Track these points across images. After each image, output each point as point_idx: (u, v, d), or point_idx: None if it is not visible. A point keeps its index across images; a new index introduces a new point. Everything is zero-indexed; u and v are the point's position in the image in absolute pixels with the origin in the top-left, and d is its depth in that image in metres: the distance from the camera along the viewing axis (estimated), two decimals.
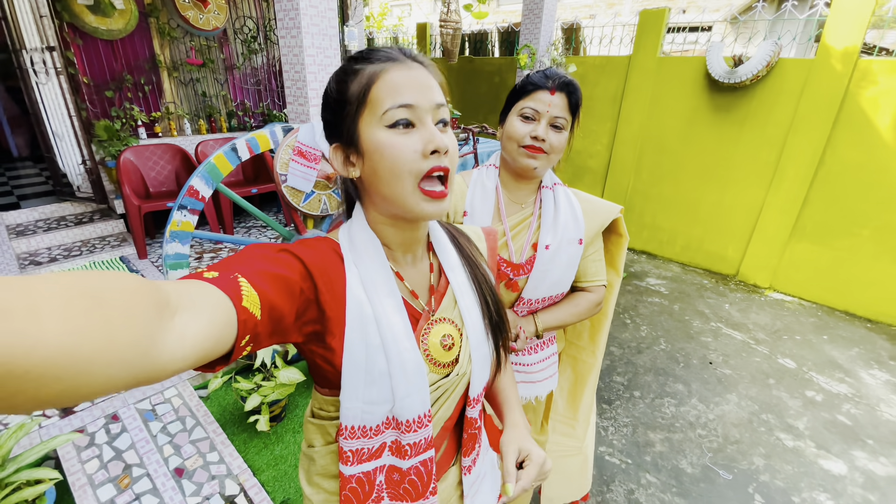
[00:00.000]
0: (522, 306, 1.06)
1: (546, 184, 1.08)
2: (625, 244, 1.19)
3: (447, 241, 0.71)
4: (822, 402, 2.41)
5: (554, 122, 0.96)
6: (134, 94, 4.04)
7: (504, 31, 5.38)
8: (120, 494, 1.71)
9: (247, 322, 0.43)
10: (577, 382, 1.32)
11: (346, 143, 0.59)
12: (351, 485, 0.65)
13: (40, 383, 0.26)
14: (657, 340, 2.92)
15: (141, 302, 0.32)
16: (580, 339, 1.31)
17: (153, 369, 0.32)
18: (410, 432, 0.63)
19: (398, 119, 0.55)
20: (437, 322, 0.66)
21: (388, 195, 0.58)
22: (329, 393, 0.65)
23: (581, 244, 1.04)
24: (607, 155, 4.48)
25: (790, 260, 3.54)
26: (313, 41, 2.25)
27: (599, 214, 1.08)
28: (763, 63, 3.18)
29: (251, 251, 0.53)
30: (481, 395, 0.73)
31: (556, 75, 0.95)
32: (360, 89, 0.56)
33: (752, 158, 3.58)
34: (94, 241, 3.80)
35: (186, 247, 2.06)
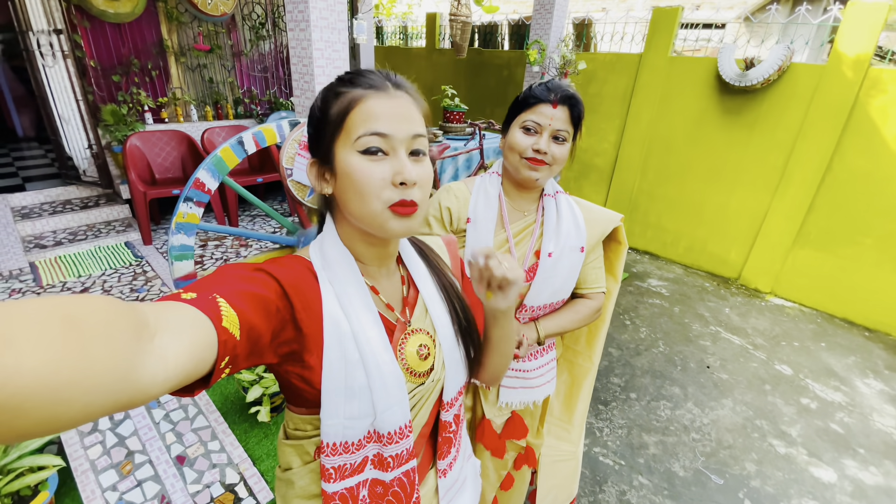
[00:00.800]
0: (524, 313, 1.07)
1: (548, 192, 1.09)
2: (624, 252, 1.21)
3: (414, 253, 0.74)
4: (816, 409, 2.43)
5: (556, 134, 0.97)
6: (141, 78, 4.03)
7: (514, 25, 5.32)
8: (122, 480, 1.75)
9: (227, 343, 0.43)
10: (574, 386, 1.33)
11: (322, 160, 0.62)
12: (334, 502, 0.66)
13: (17, 414, 0.25)
14: (656, 343, 2.94)
15: (119, 325, 0.31)
16: (577, 343, 1.32)
17: (134, 393, 0.32)
18: (392, 444, 0.64)
19: (370, 146, 0.57)
20: (412, 333, 0.68)
21: (358, 214, 0.60)
22: (306, 412, 0.65)
23: (583, 252, 1.05)
24: (614, 153, 4.46)
25: (792, 265, 3.54)
26: (322, 35, 2.23)
27: (600, 223, 1.10)
28: (775, 67, 3.15)
29: (226, 270, 0.52)
30: (455, 399, 0.75)
31: (559, 88, 0.96)
32: (339, 112, 0.58)
33: (759, 162, 3.56)
34: (100, 226, 3.82)
35: (192, 238, 2.08)
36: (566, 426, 1.33)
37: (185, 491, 1.73)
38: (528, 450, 1.24)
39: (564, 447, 1.33)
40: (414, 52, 6.49)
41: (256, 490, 1.75)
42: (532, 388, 1.16)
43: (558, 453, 1.32)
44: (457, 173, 3.55)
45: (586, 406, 1.35)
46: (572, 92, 0.97)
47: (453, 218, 1.08)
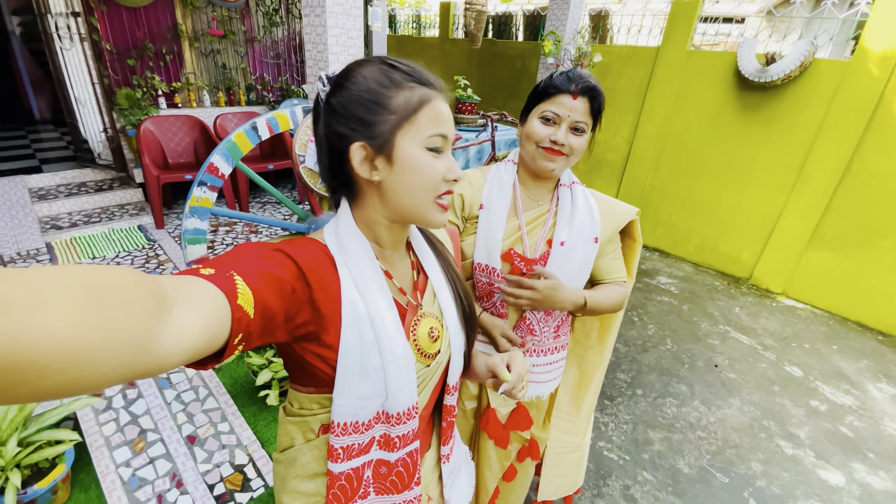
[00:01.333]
0: None
1: (564, 182, 1.08)
2: (638, 249, 1.19)
3: (423, 241, 0.77)
4: (825, 412, 2.41)
5: (575, 126, 0.95)
6: (155, 63, 4.05)
7: (530, 15, 5.26)
8: (135, 457, 1.79)
9: (241, 320, 0.44)
10: (583, 380, 1.33)
11: (375, 146, 0.59)
12: (340, 482, 0.67)
13: (43, 374, 0.26)
14: (664, 340, 2.92)
15: (140, 295, 0.32)
16: (588, 338, 1.31)
17: (152, 362, 0.33)
18: (400, 425, 0.67)
19: (437, 146, 0.61)
20: (424, 316, 0.70)
21: (408, 204, 0.62)
22: (315, 391, 0.66)
23: (596, 243, 1.04)
24: (627, 148, 4.41)
25: (806, 266, 3.49)
26: (337, 21, 2.22)
27: (616, 215, 1.08)
28: (796, 63, 3.08)
29: (245, 249, 0.53)
30: (458, 383, 0.78)
31: (580, 79, 0.94)
32: (407, 105, 0.59)
33: (776, 161, 3.50)
34: (114, 209, 3.87)
35: (205, 223, 2.10)
36: (573, 419, 1.33)
37: (196, 470, 1.76)
38: (532, 442, 1.23)
39: (570, 439, 1.33)
40: (427, 41, 6.44)
41: (265, 471, 1.78)
42: (538, 383, 1.16)
43: (563, 445, 1.32)
44: (467, 165, 3.54)
45: (594, 400, 1.34)
46: (594, 83, 0.95)
47: (465, 204, 1.08)
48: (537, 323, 1.08)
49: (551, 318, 1.09)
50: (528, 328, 1.09)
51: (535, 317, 1.08)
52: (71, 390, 0.28)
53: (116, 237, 3.50)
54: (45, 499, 1.44)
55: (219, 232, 3.82)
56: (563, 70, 0.98)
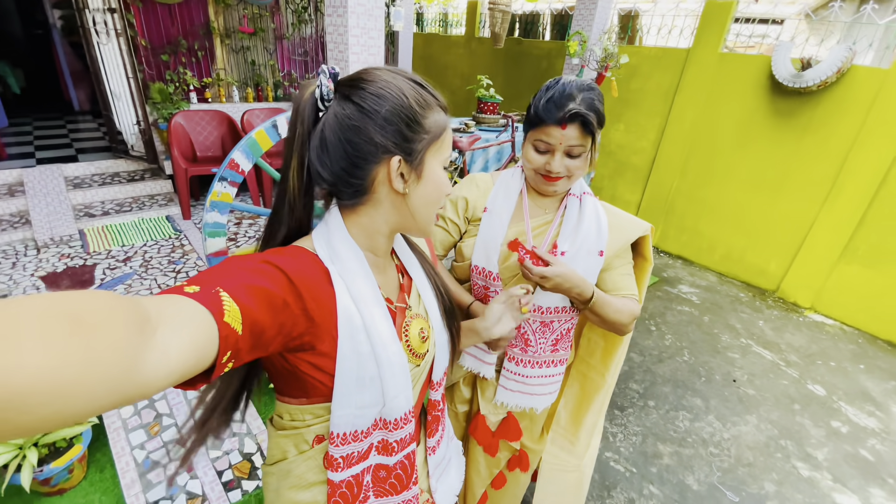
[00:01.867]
0: (535, 314, 1.05)
1: (574, 192, 1.05)
2: (649, 269, 1.13)
3: (405, 244, 0.79)
4: (846, 434, 2.31)
5: (569, 151, 0.93)
6: (188, 58, 4.17)
7: (557, 14, 5.19)
8: (150, 440, 1.86)
9: (228, 338, 0.43)
10: (583, 400, 1.27)
11: (410, 161, 0.61)
12: (341, 490, 0.67)
13: (21, 411, 0.25)
14: (681, 351, 2.85)
15: (122, 320, 0.32)
16: (592, 356, 1.26)
17: (136, 388, 0.32)
18: (397, 430, 0.68)
19: (447, 165, 0.67)
20: (414, 317, 0.72)
21: (422, 217, 0.66)
22: (308, 401, 0.65)
23: (601, 256, 1.00)
24: (653, 152, 4.31)
25: (837, 281, 3.35)
26: (358, 21, 2.25)
27: (625, 229, 1.04)
28: (834, 69, 2.95)
29: (233, 263, 0.52)
30: (443, 378, 0.80)
31: (567, 102, 0.88)
32: (437, 128, 0.63)
33: (808, 170, 3.36)
34: (144, 199, 4.01)
35: (225, 217, 2.16)
36: (571, 437, 1.27)
37: (207, 456, 1.82)
38: (521, 453, 1.20)
39: (567, 458, 1.28)
40: (453, 39, 6.43)
41: None
42: (530, 395, 1.12)
43: (560, 462, 1.27)
44: (486, 165, 3.53)
45: (595, 424, 1.26)
46: (582, 109, 0.88)
47: (469, 206, 1.07)
48: (532, 334, 1.06)
49: (548, 329, 1.06)
50: (522, 338, 1.07)
51: (530, 327, 1.06)
52: (55, 423, 0.27)
53: (145, 226, 3.63)
54: (60, 477, 1.52)
55: (242, 224, 3.91)
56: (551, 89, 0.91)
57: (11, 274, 2.88)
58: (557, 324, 1.07)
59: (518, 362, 1.09)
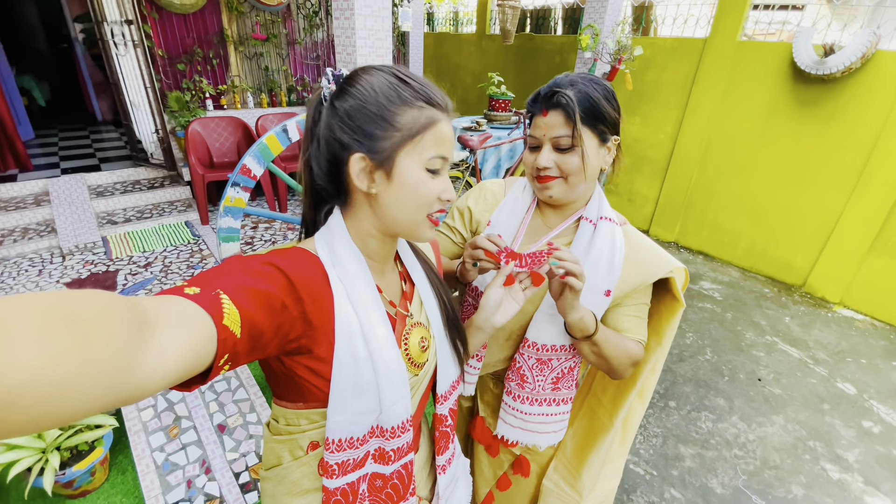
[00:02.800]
0: (530, 350, 0.95)
1: (589, 216, 0.92)
2: (679, 311, 0.97)
3: (409, 250, 0.77)
4: (879, 434, 2.21)
5: (556, 144, 0.84)
6: (203, 67, 4.25)
7: (568, 8, 5.12)
8: (169, 442, 1.89)
9: (227, 341, 0.43)
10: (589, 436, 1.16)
11: (376, 160, 0.59)
12: (335, 498, 0.66)
13: (12, 411, 0.25)
14: (703, 350, 2.78)
15: (120, 321, 0.31)
16: (604, 394, 1.15)
17: (133, 389, 0.32)
18: (394, 438, 0.66)
19: (435, 167, 0.62)
20: (414, 326, 0.71)
21: (400, 220, 0.63)
22: (305, 406, 0.65)
23: (608, 296, 0.88)
24: (670, 145, 4.21)
25: (867, 275, 3.21)
26: (365, 23, 2.24)
27: (644, 268, 0.90)
28: (858, 54, 2.83)
29: (234, 263, 0.52)
30: (450, 392, 0.77)
31: (547, 89, 0.83)
32: (413, 125, 0.59)
33: (834, 160, 3.23)
34: (164, 206, 4.10)
35: (238, 221, 2.18)
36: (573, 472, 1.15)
37: (224, 457, 1.84)
38: (521, 459, 1.13)
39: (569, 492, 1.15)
40: (464, 37, 6.41)
41: None
42: (532, 433, 1.04)
43: (560, 492, 1.15)
44: (499, 163, 3.50)
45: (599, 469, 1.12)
46: (567, 93, 0.81)
47: (473, 219, 1.02)
48: (529, 370, 0.97)
49: (547, 367, 0.97)
50: (519, 374, 0.98)
51: (526, 363, 0.97)
52: (47, 424, 0.27)
53: (165, 232, 3.71)
54: (83, 480, 1.56)
55: (258, 228, 3.97)
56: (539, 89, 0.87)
57: (38, 281, 2.98)
58: (556, 362, 0.97)
59: (516, 397, 1.00)
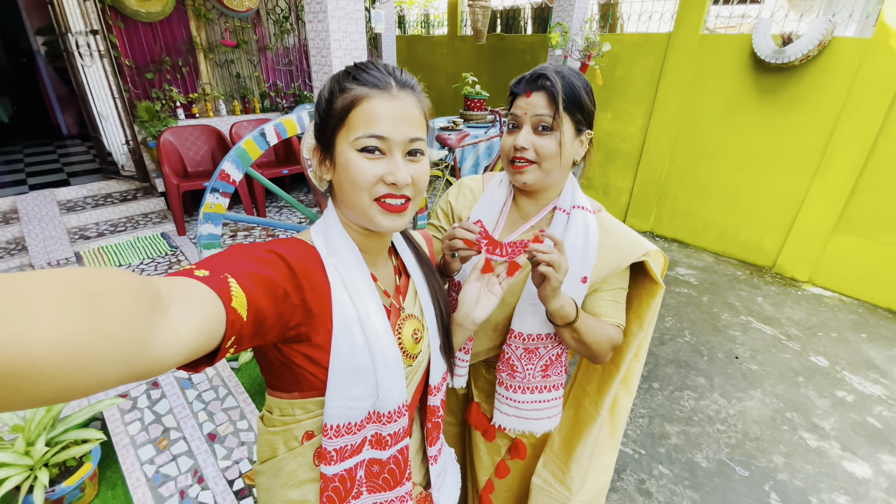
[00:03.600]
0: (517, 341, 0.97)
1: (563, 206, 0.94)
2: (658, 294, 0.98)
3: (405, 244, 0.78)
4: (852, 402, 2.32)
5: (536, 123, 0.85)
6: (172, 75, 4.18)
7: (537, 7, 5.21)
8: (159, 455, 1.86)
9: (234, 323, 0.44)
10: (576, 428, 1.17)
11: (324, 149, 0.64)
12: (333, 484, 0.67)
13: (36, 381, 0.26)
14: (682, 332, 2.87)
15: (135, 297, 0.32)
16: (589, 383, 1.16)
17: (148, 364, 0.33)
18: (391, 423, 0.67)
19: (367, 146, 0.59)
20: (407, 318, 0.72)
21: (349, 205, 0.63)
22: (301, 396, 0.65)
23: (585, 283, 0.90)
24: (641, 138, 4.33)
25: (833, 253, 3.37)
26: (339, 25, 2.26)
27: (618, 253, 0.92)
28: (815, 42, 2.97)
29: (239, 250, 0.54)
30: (441, 384, 0.79)
31: (534, 73, 0.85)
32: (342, 108, 0.60)
33: (797, 144, 3.38)
34: (138, 218, 4.01)
35: (219, 228, 2.16)
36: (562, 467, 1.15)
37: (216, 466, 1.82)
38: (517, 442, 1.15)
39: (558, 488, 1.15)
40: (436, 39, 6.45)
41: None
42: (527, 420, 1.04)
43: (550, 489, 1.15)
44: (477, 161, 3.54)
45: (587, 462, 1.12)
46: (548, 72, 0.83)
47: (454, 213, 1.04)
48: (518, 360, 0.98)
49: (535, 356, 0.98)
50: (508, 364, 1.00)
51: (514, 353, 0.98)
52: (67, 395, 0.28)
53: (141, 245, 3.63)
54: (73, 496, 1.52)
55: (238, 237, 3.92)
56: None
57: None
58: (543, 350, 0.98)
59: (508, 387, 1.02)
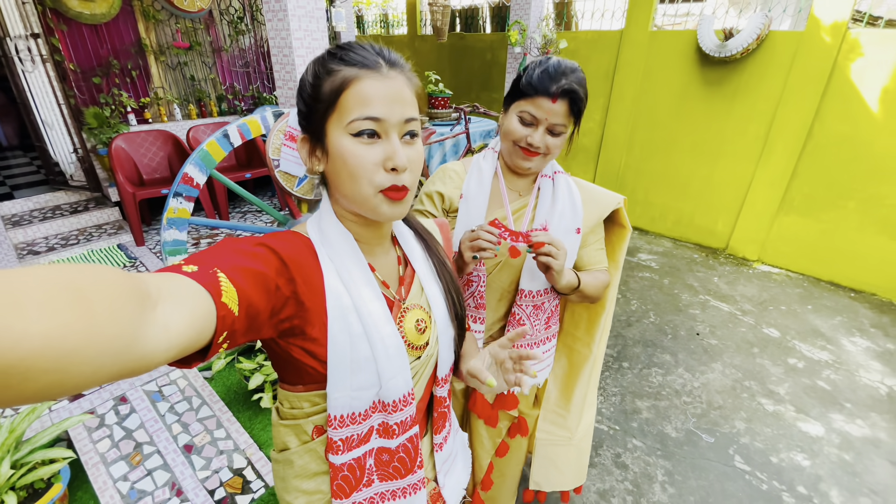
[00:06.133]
0: (525, 299, 1.05)
1: (546, 172, 1.06)
2: (627, 236, 1.15)
3: (410, 235, 0.75)
4: (803, 368, 2.51)
5: (552, 129, 0.93)
6: (121, 79, 4.00)
7: (495, 7, 5.30)
8: (132, 470, 1.80)
9: (225, 318, 0.43)
10: (571, 373, 1.28)
11: (313, 137, 0.61)
12: (343, 473, 0.67)
13: (25, 377, 0.25)
14: (647, 314, 3.01)
15: (123, 293, 0.32)
16: (577, 328, 1.28)
17: (138, 360, 0.33)
18: (397, 412, 0.66)
19: (363, 129, 0.56)
20: (409, 309, 0.69)
21: (349, 195, 0.60)
22: (304, 389, 0.65)
23: (579, 234, 1.02)
24: (600, 132, 4.49)
25: (778, 233, 3.61)
26: (300, 24, 2.24)
27: (599, 204, 1.06)
28: (753, 36, 3.18)
29: (228, 244, 0.52)
30: (448, 375, 0.77)
31: (561, 77, 0.89)
32: (331, 91, 0.57)
33: (742, 133, 3.60)
34: (91, 230, 3.82)
35: (184, 233, 2.10)
36: (563, 412, 1.27)
37: (195, 477, 1.78)
38: (520, 419, 1.22)
39: (559, 432, 1.29)
40: (396, 39, 6.45)
41: (264, 473, 1.80)
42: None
43: (553, 437, 1.28)
44: (444, 158, 3.58)
45: (585, 396, 1.26)
46: (575, 85, 0.90)
47: (445, 199, 1.07)
48: (527, 318, 1.06)
49: (541, 311, 1.07)
50: (518, 323, 1.07)
51: (524, 312, 1.06)
52: (57, 392, 0.28)
53: (96, 258, 3.46)
54: None
55: (201, 245, 3.80)
56: (543, 64, 0.92)
57: None
58: (548, 303, 1.08)
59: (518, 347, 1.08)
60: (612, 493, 1.77)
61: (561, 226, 1.01)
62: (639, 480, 1.83)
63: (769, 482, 1.84)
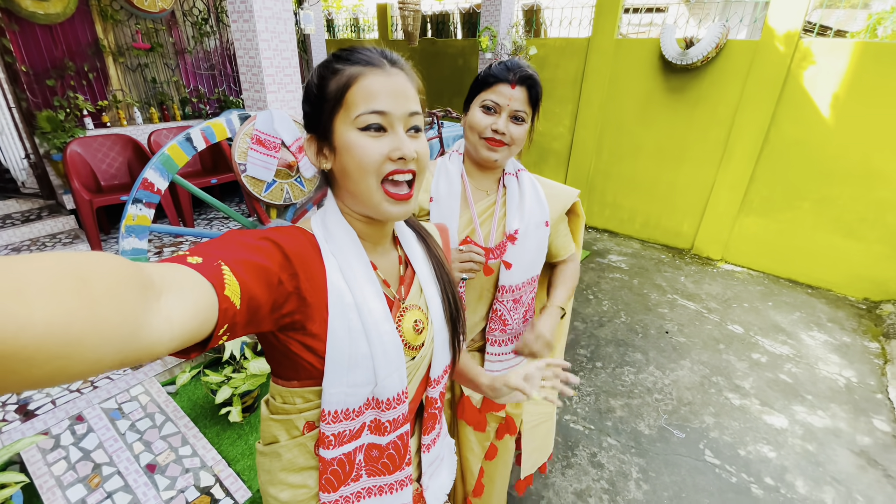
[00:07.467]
0: (506, 294, 1.08)
1: (509, 171, 1.10)
2: (582, 223, 1.27)
3: (412, 236, 0.76)
4: (766, 363, 2.61)
5: (514, 115, 0.97)
6: (77, 81, 3.82)
7: (466, 13, 5.35)
8: (91, 493, 1.69)
9: (227, 311, 0.43)
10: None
11: (320, 136, 0.63)
12: (332, 467, 0.67)
13: (30, 364, 0.26)
14: (618, 314, 3.06)
15: (127, 282, 0.32)
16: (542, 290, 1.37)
17: (141, 349, 0.33)
18: (390, 410, 0.67)
19: (370, 123, 0.58)
20: (408, 309, 0.70)
21: (355, 192, 0.62)
22: (299, 384, 0.65)
23: (547, 226, 1.08)
24: (570, 137, 4.58)
25: (739, 233, 3.76)
26: (267, 25, 2.19)
27: (561, 198, 1.14)
28: (712, 44, 3.31)
29: (232, 237, 0.53)
30: (441, 377, 0.77)
31: (518, 68, 0.96)
32: (337, 89, 0.59)
33: (703, 137, 3.74)
34: (44, 240, 3.61)
35: (144, 241, 2.01)
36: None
37: (159, 498, 1.69)
38: (507, 419, 1.24)
39: (541, 410, 1.37)
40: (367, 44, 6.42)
41: (233, 490, 1.73)
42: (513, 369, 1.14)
43: (535, 418, 1.35)
44: None
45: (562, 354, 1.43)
46: (531, 72, 0.97)
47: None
48: (507, 313, 1.10)
49: (520, 304, 1.11)
50: (500, 319, 1.10)
51: (504, 307, 1.09)
52: (61, 378, 0.28)
53: None
54: None
55: (164, 254, 3.65)
56: (501, 60, 0.99)
57: None
58: (525, 296, 1.11)
59: (500, 343, 1.13)
60: (588, 493, 1.79)
61: (532, 220, 1.06)
62: (614, 479, 1.85)
63: (738, 475, 1.89)
